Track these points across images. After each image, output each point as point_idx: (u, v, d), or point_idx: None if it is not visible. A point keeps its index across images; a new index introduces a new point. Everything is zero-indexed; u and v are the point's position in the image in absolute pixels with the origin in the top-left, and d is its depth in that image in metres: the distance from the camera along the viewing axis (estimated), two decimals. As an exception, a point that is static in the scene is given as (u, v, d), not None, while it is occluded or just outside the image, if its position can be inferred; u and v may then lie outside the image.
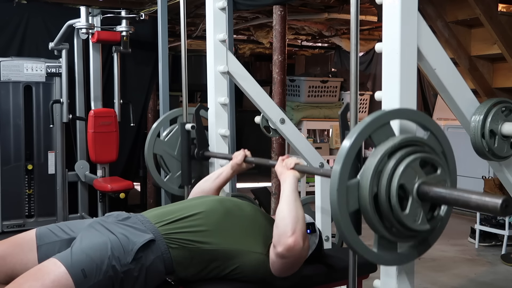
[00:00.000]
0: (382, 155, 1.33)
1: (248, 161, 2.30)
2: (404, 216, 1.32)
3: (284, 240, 1.70)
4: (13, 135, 4.56)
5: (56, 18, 4.83)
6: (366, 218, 1.36)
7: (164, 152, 2.78)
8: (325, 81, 6.55)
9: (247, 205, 2.04)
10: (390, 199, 1.31)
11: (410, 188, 1.32)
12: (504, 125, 1.83)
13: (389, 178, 1.31)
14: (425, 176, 1.35)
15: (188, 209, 1.89)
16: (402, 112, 1.46)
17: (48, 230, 1.87)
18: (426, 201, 1.34)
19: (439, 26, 3.63)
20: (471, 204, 1.21)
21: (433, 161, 1.38)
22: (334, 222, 1.33)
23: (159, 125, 2.85)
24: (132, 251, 1.70)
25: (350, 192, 1.32)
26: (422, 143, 1.40)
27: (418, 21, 1.58)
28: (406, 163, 1.32)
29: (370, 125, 1.34)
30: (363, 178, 1.33)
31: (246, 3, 4.34)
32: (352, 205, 1.33)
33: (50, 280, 1.59)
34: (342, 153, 1.30)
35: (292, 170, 1.92)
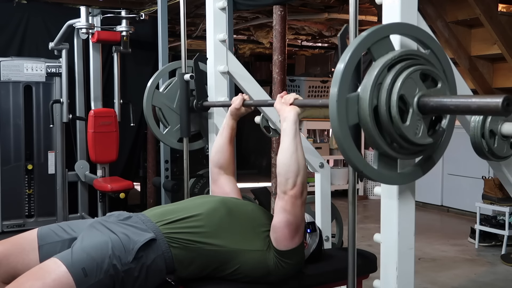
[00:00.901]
0: (382, 67, 1.31)
1: (247, 104, 2.30)
2: (405, 128, 1.29)
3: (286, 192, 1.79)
4: (13, 135, 4.56)
5: (56, 18, 4.84)
6: (366, 132, 1.33)
7: (163, 104, 2.76)
8: (325, 81, 6.55)
9: (248, 204, 2.04)
10: (390, 110, 1.29)
11: (410, 100, 1.30)
12: (504, 125, 1.82)
13: (389, 90, 1.29)
14: (425, 89, 1.32)
15: (189, 209, 1.89)
16: (402, 27, 1.43)
17: (49, 230, 1.87)
18: (427, 113, 1.32)
19: (439, 26, 3.63)
20: (472, 106, 1.18)
21: (433, 74, 1.35)
22: (334, 136, 1.30)
23: (157, 76, 2.82)
24: (133, 250, 1.70)
25: (349, 105, 1.29)
26: (423, 57, 1.37)
27: (418, 21, 1.58)
28: (406, 74, 1.30)
29: (369, 37, 1.31)
30: (363, 91, 1.30)
31: (246, 3, 4.34)
32: (352, 119, 1.30)
33: (51, 279, 1.59)
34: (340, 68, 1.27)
35: (292, 106, 1.90)
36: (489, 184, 4.41)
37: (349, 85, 1.28)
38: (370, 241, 1.40)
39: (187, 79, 2.65)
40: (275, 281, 1.87)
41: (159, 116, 2.80)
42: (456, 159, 5.52)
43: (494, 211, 4.48)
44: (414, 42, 1.47)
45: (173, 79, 2.82)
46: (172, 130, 2.80)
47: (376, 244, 1.61)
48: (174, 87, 2.77)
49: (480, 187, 4.56)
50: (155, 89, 2.77)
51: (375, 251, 1.99)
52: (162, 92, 2.79)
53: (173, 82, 2.80)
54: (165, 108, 2.77)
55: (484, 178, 4.57)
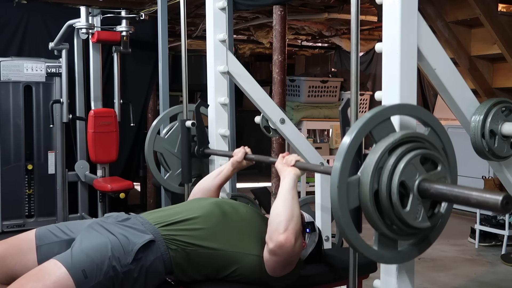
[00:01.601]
0: (383, 151, 1.32)
1: (248, 158, 2.30)
2: (405, 213, 1.31)
3: (275, 237, 1.70)
4: (13, 135, 4.55)
5: (56, 18, 4.83)
6: (366, 215, 1.35)
7: (164, 149, 2.77)
8: (325, 81, 6.55)
9: (244, 206, 2.04)
10: (391, 196, 1.31)
11: (410, 185, 1.32)
12: (504, 125, 1.83)
13: (390, 175, 1.31)
14: (425, 173, 1.34)
15: (186, 212, 1.89)
16: (403, 108, 1.45)
17: (47, 231, 1.87)
18: (426, 198, 1.34)
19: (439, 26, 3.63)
20: (471, 201, 1.21)
21: (433, 157, 1.37)
22: (335, 219, 1.32)
23: (159, 122, 2.85)
24: (132, 251, 1.70)
25: (350, 189, 1.31)
26: (423, 139, 1.39)
27: (418, 21, 1.58)
28: (406, 159, 1.32)
29: (371, 120, 1.33)
30: (364, 175, 1.32)
31: (246, 3, 4.34)
32: (353, 202, 1.32)
33: (51, 281, 1.59)
34: (342, 149, 1.30)
35: (292, 167, 1.91)
36: (489, 184, 4.41)
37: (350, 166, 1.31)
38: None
39: (189, 126, 2.65)
40: (274, 282, 1.86)
41: (161, 160, 2.81)
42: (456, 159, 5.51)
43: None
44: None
45: (174, 123, 2.81)
46: (174, 174, 2.80)
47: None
48: (175, 132, 2.77)
49: (480, 187, 4.56)
50: (156, 134, 2.77)
51: (375, 251, 1.98)
52: (163, 137, 2.79)
53: (174, 127, 2.79)
54: (167, 153, 2.78)
55: (484, 178, 4.57)
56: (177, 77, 4.60)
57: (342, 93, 6.76)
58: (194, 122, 2.63)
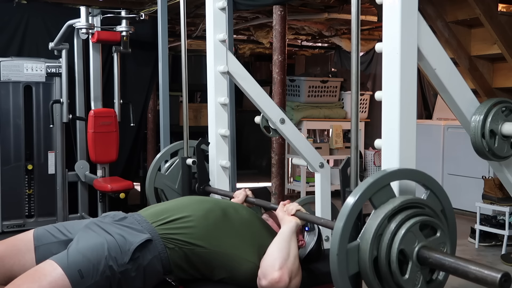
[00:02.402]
0: (383, 218, 1.34)
1: (249, 201, 2.30)
2: (404, 281, 1.33)
3: (270, 273, 1.70)
4: (13, 135, 4.55)
5: (56, 18, 4.83)
6: (366, 281, 1.37)
7: (164, 185, 2.76)
8: (325, 81, 6.55)
9: (244, 208, 2.03)
10: (390, 264, 1.33)
11: (410, 253, 1.34)
12: (504, 125, 1.83)
13: (389, 243, 1.33)
14: (424, 240, 1.36)
15: (184, 209, 1.88)
16: (403, 173, 1.47)
17: (45, 231, 1.86)
18: (425, 265, 1.36)
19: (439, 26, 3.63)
20: (469, 275, 1.23)
21: (433, 223, 1.39)
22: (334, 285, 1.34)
23: (160, 159, 2.83)
24: (129, 251, 1.70)
25: (350, 255, 1.33)
26: (422, 204, 1.41)
27: (418, 21, 1.58)
28: (406, 227, 1.33)
29: (371, 187, 1.35)
30: (363, 241, 1.34)
31: (246, 3, 4.34)
32: (352, 269, 1.34)
33: (47, 281, 1.59)
34: (343, 215, 1.32)
35: (293, 216, 1.93)
36: (489, 184, 4.41)
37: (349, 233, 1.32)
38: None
39: (189, 163, 2.65)
40: None
41: (161, 196, 2.79)
42: (456, 159, 5.52)
43: (494, 211, 4.48)
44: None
45: (174, 159, 2.80)
46: None
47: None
48: (176, 168, 2.76)
49: (480, 187, 4.56)
50: (157, 171, 2.77)
51: (375, 251, 1.98)
52: (164, 173, 2.78)
53: (175, 163, 2.78)
54: (167, 189, 2.77)
55: (484, 178, 4.57)
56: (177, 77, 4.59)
57: (342, 93, 6.76)
58: (195, 160, 2.62)
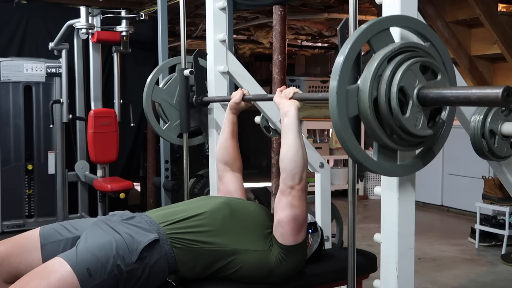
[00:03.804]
0: (382, 58, 1.31)
1: (246, 99, 2.30)
2: (405, 120, 1.29)
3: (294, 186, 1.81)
4: (13, 135, 4.55)
5: (56, 18, 4.83)
6: (366, 124, 1.33)
7: (162, 100, 2.77)
8: (325, 81, 6.55)
9: (251, 204, 2.04)
10: (390, 102, 1.29)
11: (410, 92, 1.31)
12: (504, 125, 1.83)
13: (388, 81, 1.29)
14: (425, 81, 1.33)
15: (192, 210, 1.89)
16: (402, 19, 1.43)
17: (52, 229, 1.87)
18: (426, 105, 1.32)
19: (439, 26, 3.64)
20: (472, 98, 1.19)
21: (433, 66, 1.35)
22: (334, 128, 1.30)
23: (157, 72, 2.83)
24: (137, 250, 1.70)
25: (349, 97, 1.29)
26: (422, 49, 1.38)
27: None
28: (406, 65, 1.30)
29: (370, 29, 1.31)
30: (363, 83, 1.30)
31: (246, 3, 4.34)
32: (352, 111, 1.30)
33: (56, 279, 1.59)
34: (341, 58, 1.27)
35: (292, 100, 1.90)
36: (489, 184, 4.41)
37: (348, 77, 1.28)
38: (370, 241, 1.40)
39: (187, 74, 2.65)
40: (276, 281, 1.87)
41: (159, 111, 2.81)
42: (456, 159, 5.52)
43: (494, 211, 4.48)
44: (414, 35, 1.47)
45: (172, 75, 2.82)
46: (172, 125, 2.80)
47: (376, 244, 1.61)
48: (174, 83, 2.77)
49: (480, 187, 4.56)
50: (154, 84, 2.77)
51: (375, 251, 1.99)
52: (161, 87, 2.79)
53: (173, 78, 2.80)
54: (165, 103, 2.78)
55: (484, 178, 4.57)
56: (177, 77, 4.62)
57: (342, 93, 6.76)
58: (193, 70, 2.62)
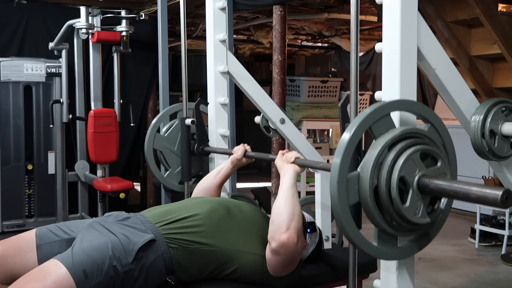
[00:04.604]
0: (383, 147, 1.32)
1: (248, 155, 2.30)
2: (405, 209, 1.31)
3: (278, 236, 1.70)
4: (13, 135, 4.55)
5: (56, 18, 4.83)
6: (366, 211, 1.35)
7: (164, 147, 2.77)
8: (325, 81, 6.55)
9: (246, 205, 2.03)
10: (390, 191, 1.31)
11: (410, 181, 1.32)
12: (504, 125, 1.83)
13: (389, 171, 1.30)
14: (425, 169, 1.34)
15: (188, 209, 1.89)
16: (402, 103, 1.45)
17: (47, 230, 1.87)
18: (426, 193, 1.34)
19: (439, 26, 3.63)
20: (471, 196, 1.20)
21: (433, 153, 1.37)
22: (334, 215, 1.32)
23: (159, 120, 2.84)
24: (132, 251, 1.70)
25: (350, 184, 1.31)
26: (423, 135, 1.39)
27: (418, 21, 1.58)
28: (406, 155, 1.31)
29: (370, 116, 1.33)
30: (364, 170, 1.32)
31: (246, 3, 4.34)
32: (352, 198, 1.32)
33: (52, 281, 1.59)
34: (342, 145, 1.29)
35: (292, 164, 1.92)
36: (489, 184, 4.41)
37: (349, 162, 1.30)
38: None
39: (188, 124, 2.65)
40: (274, 283, 1.86)
41: (160, 158, 2.81)
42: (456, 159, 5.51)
43: (494, 211, 4.48)
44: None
45: (174, 121, 2.81)
46: (173, 172, 2.80)
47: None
48: (175, 130, 2.77)
49: (480, 187, 4.56)
50: (156, 132, 2.77)
51: (375, 251, 1.98)
52: (163, 135, 2.79)
53: (174, 125, 2.79)
54: (166, 151, 2.78)
55: (484, 178, 4.57)
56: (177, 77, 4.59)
57: (342, 93, 6.76)
58: (194, 120, 2.63)
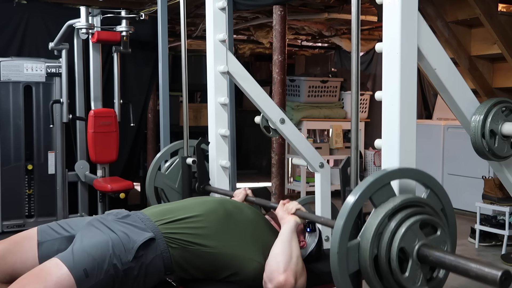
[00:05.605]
0: (383, 217, 1.34)
1: (249, 200, 2.30)
2: (404, 279, 1.33)
3: (275, 276, 1.70)
4: (13, 135, 4.55)
5: (56, 18, 4.83)
6: (366, 279, 1.37)
7: (165, 185, 2.77)
8: (325, 81, 6.55)
9: (248, 208, 2.03)
10: (390, 262, 1.33)
11: (410, 251, 1.34)
12: (504, 125, 1.83)
13: (389, 241, 1.33)
14: (425, 238, 1.36)
15: (189, 209, 1.89)
16: (403, 172, 1.47)
17: (48, 228, 1.87)
18: (425, 263, 1.36)
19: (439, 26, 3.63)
20: (470, 273, 1.23)
21: (433, 222, 1.39)
22: (334, 283, 1.34)
23: (160, 158, 2.84)
24: (133, 249, 1.70)
25: (350, 253, 1.33)
26: (422, 203, 1.41)
27: (418, 21, 1.58)
28: (406, 226, 1.33)
29: (371, 186, 1.36)
30: (364, 240, 1.34)
31: (246, 3, 4.34)
32: (352, 267, 1.34)
33: (53, 281, 1.59)
34: (343, 213, 1.32)
35: (293, 215, 1.93)
36: (489, 184, 4.41)
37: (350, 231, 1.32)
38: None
39: (189, 163, 2.66)
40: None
41: (161, 196, 2.80)
42: (456, 159, 5.52)
43: (494, 211, 4.48)
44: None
45: (175, 159, 2.81)
46: None
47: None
48: (176, 168, 2.76)
49: (480, 187, 4.56)
50: (157, 170, 2.77)
51: (375, 251, 1.98)
52: (164, 173, 2.78)
53: (175, 163, 2.78)
54: (167, 188, 2.77)
55: (484, 178, 4.56)
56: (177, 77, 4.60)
57: (342, 93, 6.76)
58: (195, 159, 2.63)
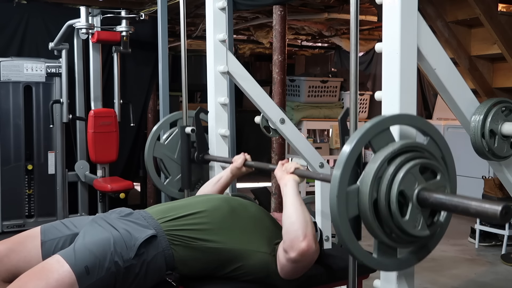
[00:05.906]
0: (382, 161, 1.33)
1: (248, 165, 2.31)
2: (404, 222, 1.32)
3: (297, 245, 1.69)
4: (13, 135, 4.56)
5: (56, 18, 4.84)
6: (365, 224, 1.36)
7: (164, 155, 2.78)
8: (325, 81, 6.55)
9: (252, 205, 2.04)
10: (390, 205, 1.32)
11: (410, 194, 1.33)
12: (504, 125, 1.83)
13: (388, 184, 1.32)
14: (424, 182, 1.35)
15: (192, 207, 1.89)
16: (402, 118, 1.46)
17: (52, 227, 1.88)
18: (425, 207, 1.35)
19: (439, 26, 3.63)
20: (470, 210, 1.22)
21: (433, 166, 1.38)
22: (334, 228, 1.33)
23: (159, 128, 2.84)
24: (134, 246, 1.71)
25: (349, 198, 1.32)
26: (422, 148, 1.40)
27: (418, 21, 1.58)
28: (406, 169, 1.32)
29: (370, 130, 1.34)
30: (363, 184, 1.33)
31: (246, 3, 4.34)
32: (352, 211, 1.33)
33: (54, 279, 1.59)
34: (341, 159, 1.30)
35: (292, 174, 1.93)
36: (489, 184, 4.41)
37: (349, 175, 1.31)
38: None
39: (188, 132, 2.66)
40: (278, 283, 1.86)
41: (160, 166, 2.81)
42: (456, 159, 5.44)
43: (494, 211, 4.47)
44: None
45: (174, 129, 2.81)
46: (173, 180, 2.80)
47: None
48: (175, 138, 2.77)
49: (480, 187, 4.56)
50: (156, 140, 2.77)
51: (375, 251, 1.98)
52: (163, 143, 2.79)
53: (174, 133, 2.79)
54: (166, 158, 2.78)
55: (484, 178, 4.56)
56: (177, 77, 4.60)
57: (342, 93, 6.76)
58: (194, 128, 2.64)
